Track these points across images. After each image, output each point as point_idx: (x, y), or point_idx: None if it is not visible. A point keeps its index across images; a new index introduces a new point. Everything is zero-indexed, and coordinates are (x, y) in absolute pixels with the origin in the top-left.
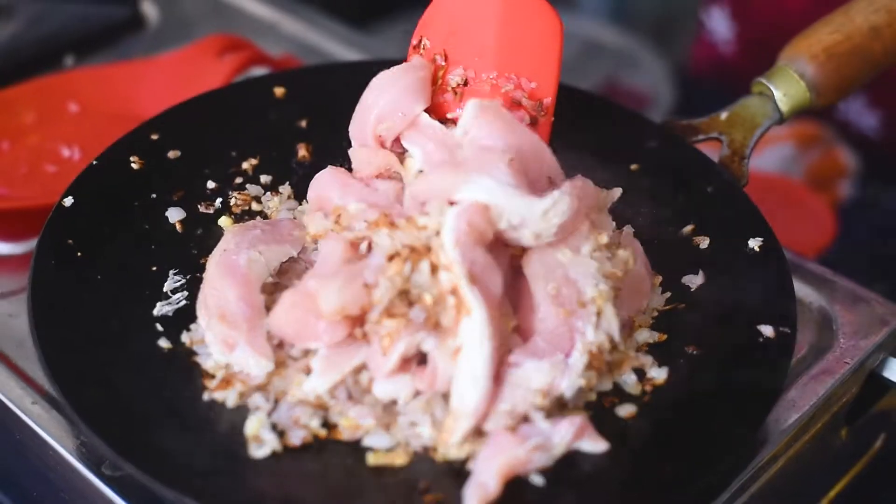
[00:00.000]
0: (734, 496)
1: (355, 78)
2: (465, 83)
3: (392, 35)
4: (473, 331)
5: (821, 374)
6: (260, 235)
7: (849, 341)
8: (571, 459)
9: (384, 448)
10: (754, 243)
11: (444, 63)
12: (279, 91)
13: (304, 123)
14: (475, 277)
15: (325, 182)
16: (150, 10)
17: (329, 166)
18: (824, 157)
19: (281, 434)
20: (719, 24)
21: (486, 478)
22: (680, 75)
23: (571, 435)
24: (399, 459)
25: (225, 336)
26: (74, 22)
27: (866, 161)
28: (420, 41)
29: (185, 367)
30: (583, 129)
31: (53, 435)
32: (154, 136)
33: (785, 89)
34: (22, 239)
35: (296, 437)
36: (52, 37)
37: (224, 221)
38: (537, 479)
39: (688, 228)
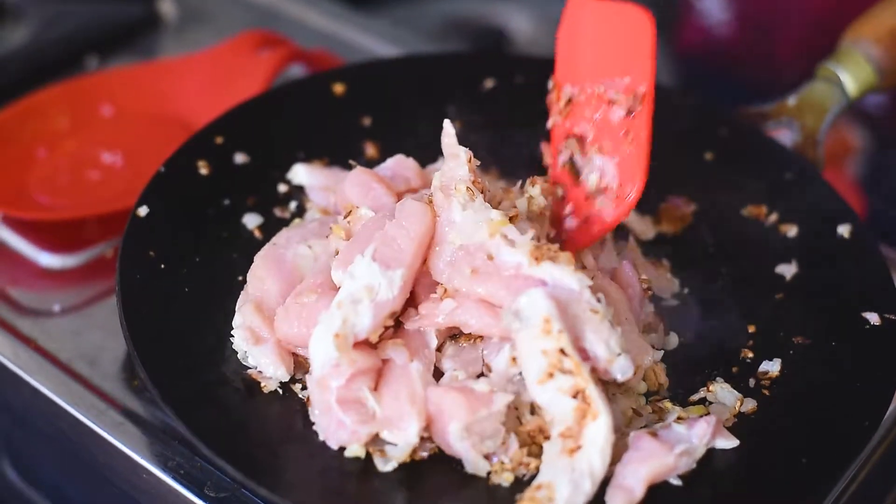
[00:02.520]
0: (848, 485)
1: (410, 72)
2: (570, 102)
3: (395, 16)
4: (598, 435)
5: None
6: (315, 229)
7: None
8: (704, 457)
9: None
10: (843, 229)
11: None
12: (339, 89)
13: (367, 121)
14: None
15: (350, 182)
16: (166, 7)
17: (357, 167)
18: (833, 136)
19: None
20: (713, 6)
21: (631, 483)
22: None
23: (710, 435)
24: (507, 478)
25: (255, 326)
26: (91, 22)
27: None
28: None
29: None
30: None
31: (147, 457)
32: (219, 140)
33: (852, 72)
34: (73, 251)
35: (423, 449)
36: (70, 38)
37: (297, 224)
38: (675, 481)
39: (773, 217)
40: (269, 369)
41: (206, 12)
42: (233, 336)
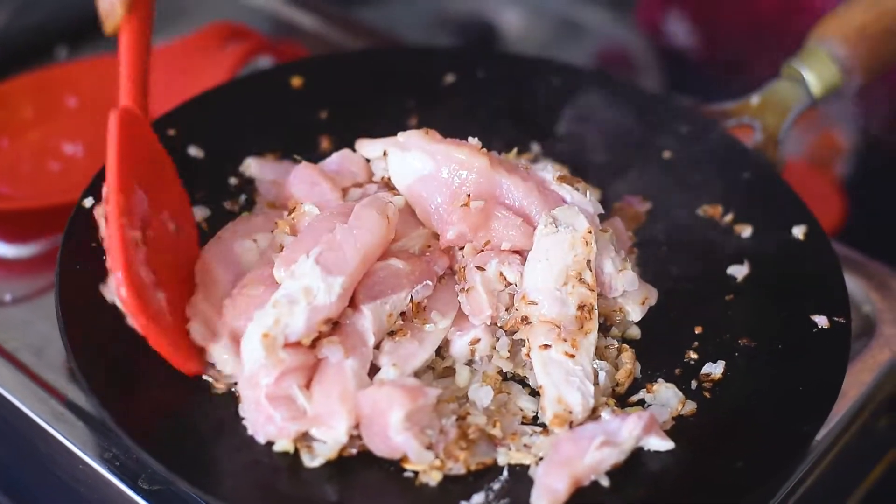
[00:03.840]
0: (793, 490)
1: (370, 66)
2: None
3: (385, 11)
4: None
5: (866, 363)
6: (261, 223)
7: (891, 329)
8: (637, 459)
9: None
10: (798, 231)
11: None
12: (296, 81)
13: (324, 115)
14: None
15: (295, 177)
16: None
17: (303, 163)
18: (822, 137)
19: None
20: (678, 30)
21: (554, 482)
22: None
23: (640, 429)
24: (434, 476)
25: (207, 320)
26: (62, 12)
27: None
28: None
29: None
30: (610, 114)
31: (85, 448)
32: (171, 132)
33: (817, 71)
34: (28, 240)
35: (353, 446)
36: (41, 27)
37: (244, 217)
38: (604, 481)
39: (728, 217)
40: (227, 366)
41: (180, 4)
42: None
